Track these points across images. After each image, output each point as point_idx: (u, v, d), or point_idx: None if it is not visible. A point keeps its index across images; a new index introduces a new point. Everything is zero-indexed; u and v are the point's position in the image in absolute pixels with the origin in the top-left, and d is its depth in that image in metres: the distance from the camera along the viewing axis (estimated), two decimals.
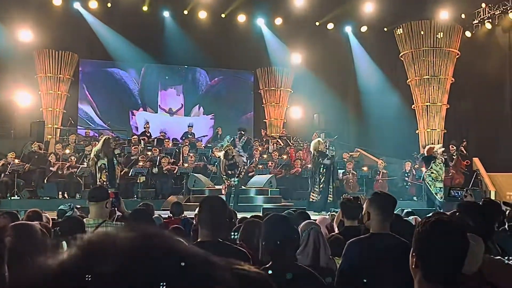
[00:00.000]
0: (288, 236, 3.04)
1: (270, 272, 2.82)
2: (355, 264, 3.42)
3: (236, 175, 13.25)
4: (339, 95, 22.22)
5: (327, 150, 14.05)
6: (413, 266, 2.06)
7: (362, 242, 3.57)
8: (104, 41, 21.18)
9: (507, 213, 5.17)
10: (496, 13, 19.75)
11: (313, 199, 13.85)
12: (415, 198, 16.48)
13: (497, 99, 20.21)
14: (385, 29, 21.22)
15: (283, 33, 22.08)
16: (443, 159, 14.02)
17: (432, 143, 17.19)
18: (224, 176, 13.35)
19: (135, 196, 15.57)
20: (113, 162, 13.47)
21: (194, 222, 3.60)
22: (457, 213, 3.30)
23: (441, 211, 6.58)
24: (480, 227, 2.99)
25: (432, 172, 13.67)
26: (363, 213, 3.90)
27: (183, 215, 7.44)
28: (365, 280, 3.31)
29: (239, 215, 7.11)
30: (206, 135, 21.66)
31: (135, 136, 18.92)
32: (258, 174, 16.33)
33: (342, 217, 5.35)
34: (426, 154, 14.12)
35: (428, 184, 13.72)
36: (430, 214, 2.24)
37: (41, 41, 19.94)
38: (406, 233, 3.23)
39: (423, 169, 14.14)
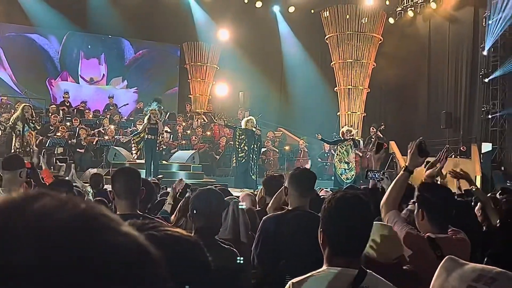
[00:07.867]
0: (215, 211, 3.04)
1: None
2: (270, 241, 3.42)
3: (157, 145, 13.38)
4: (264, 74, 22.32)
5: (254, 129, 14.28)
6: (321, 242, 2.13)
7: (278, 218, 3.54)
8: (23, 5, 20.18)
9: None
10: (418, 2, 20.41)
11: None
12: (333, 177, 16.92)
13: (414, 85, 20.99)
14: (312, 11, 21.41)
15: (211, 8, 21.84)
16: (351, 141, 14.66)
17: (351, 126, 17.70)
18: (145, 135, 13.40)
19: (52, 168, 15.07)
20: (25, 128, 12.98)
21: (111, 196, 3.51)
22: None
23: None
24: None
25: (337, 154, 14.39)
26: (282, 188, 3.93)
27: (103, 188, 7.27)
28: (278, 257, 3.33)
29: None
30: (127, 103, 21.17)
31: (54, 106, 18.27)
32: (181, 150, 16.22)
33: (264, 194, 5.38)
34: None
35: (334, 165, 14.54)
36: (336, 191, 2.31)
37: None
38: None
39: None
